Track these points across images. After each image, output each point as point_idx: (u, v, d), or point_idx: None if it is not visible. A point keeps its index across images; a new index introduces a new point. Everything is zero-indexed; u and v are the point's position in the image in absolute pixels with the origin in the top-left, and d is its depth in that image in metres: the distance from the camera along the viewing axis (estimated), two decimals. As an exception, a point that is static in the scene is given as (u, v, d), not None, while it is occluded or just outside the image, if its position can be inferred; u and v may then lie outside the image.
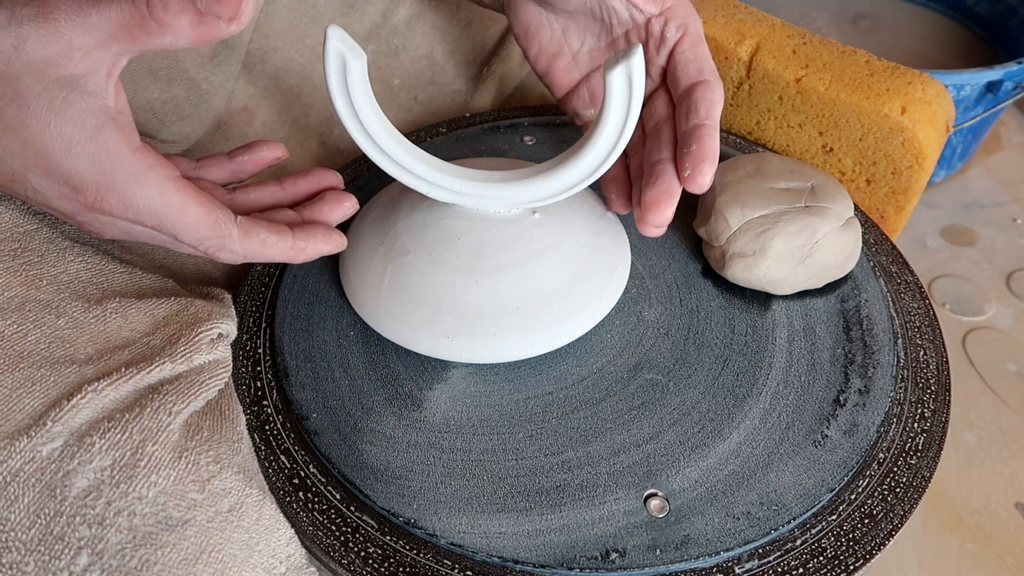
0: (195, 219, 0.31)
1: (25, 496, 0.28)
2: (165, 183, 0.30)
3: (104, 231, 0.32)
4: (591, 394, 0.38)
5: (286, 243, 0.34)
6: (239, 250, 0.33)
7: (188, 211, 0.31)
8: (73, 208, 0.31)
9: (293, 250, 0.34)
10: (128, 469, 0.29)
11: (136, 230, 0.32)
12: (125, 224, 0.32)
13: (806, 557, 0.33)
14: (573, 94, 0.46)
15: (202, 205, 0.31)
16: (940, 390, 0.40)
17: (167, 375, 0.33)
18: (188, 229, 0.31)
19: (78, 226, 0.33)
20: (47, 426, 0.29)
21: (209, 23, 0.28)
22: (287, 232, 0.34)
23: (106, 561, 0.28)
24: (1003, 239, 0.68)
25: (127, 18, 0.28)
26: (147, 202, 0.30)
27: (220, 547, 0.30)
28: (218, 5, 0.28)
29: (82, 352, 0.33)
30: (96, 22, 0.28)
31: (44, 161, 0.29)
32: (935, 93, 0.49)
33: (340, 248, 0.37)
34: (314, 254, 0.35)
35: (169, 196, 0.30)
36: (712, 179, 0.36)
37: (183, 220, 0.31)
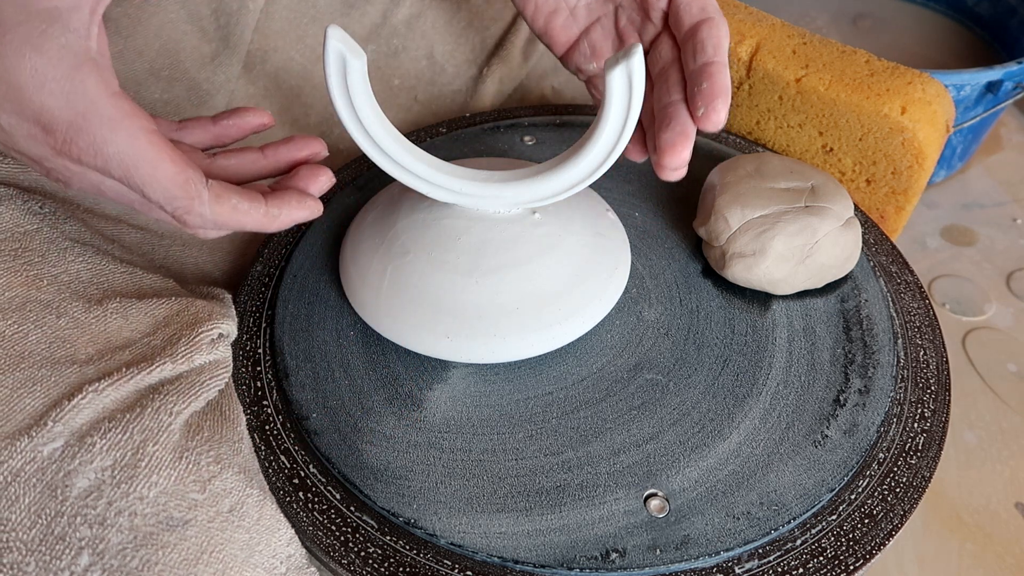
0: (165, 175, 0.30)
1: (26, 496, 0.28)
2: (139, 133, 0.29)
3: (71, 181, 0.31)
4: (591, 394, 0.38)
5: (259, 210, 0.33)
6: (208, 214, 0.31)
7: (159, 166, 0.29)
8: (41, 152, 0.29)
9: (267, 216, 0.33)
10: (129, 469, 0.29)
11: (106, 184, 0.31)
12: (94, 175, 0.30)
13: (806, 557, 0.33)
14: (574, 50, 0.45)
15: (175, 162, 0.30)
16: (940, 390, 0.40)
17: (168, 375, 0.33)
18: (157, 185, 0.30)
19: (44, 173, 0.31)
20: (48, 426, 0.29)
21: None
22: (260, 199, 0.33)
23: (107, 561, 0.28)
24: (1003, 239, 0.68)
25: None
26: (117, 149, 0.29)
27: (221, 547, 0.30)
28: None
29: (83, 352, 0.33)
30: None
31: (16, 95, 0.28)
32: (935, 93, 0.49)
33: (316, 214, 0.35)
34: (288, 221, 0.34)
35: (141, 147, 0.29)
36: (727, 116, 0.35)
37: (153, 174, 0.30)
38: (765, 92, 0.52)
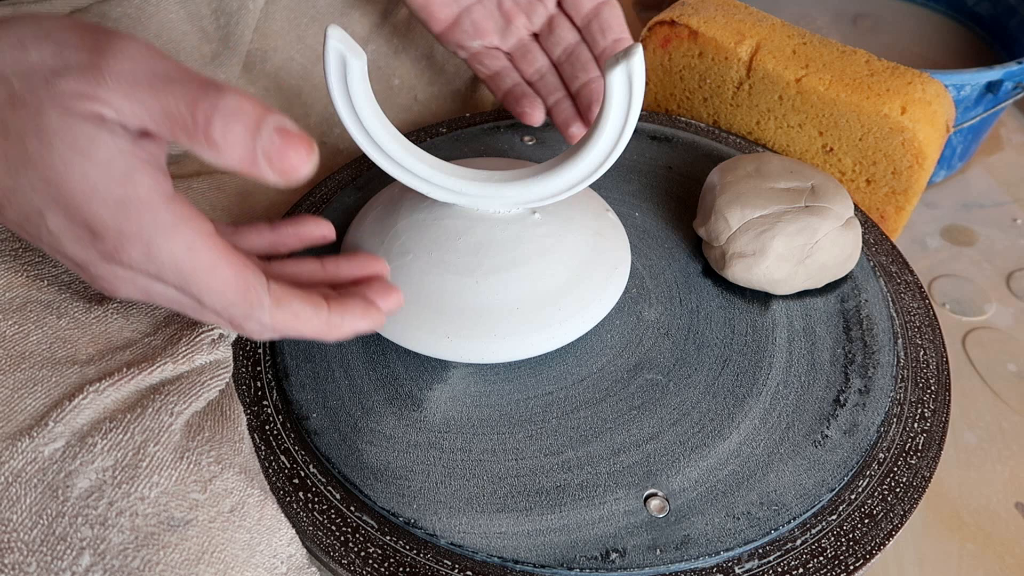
0: (224, 282, 0.28)
1: (27, 497, 0.28)
2: (197, 239, 0.27)
3: (118, 289, 0.29)
4: (591, 394, 0.38)
5: (320, 316, 0.30)
6: (268, 322, 0.29)
7: (217, 272, 0.28)
8: (88, 257, 0.28)
9: (328, 325, 0.31)
10: (130, 469, 0.30)
11: (156, 289, 0.29)
12: (144, 281, 0.29)
13: (806, 557, 0.33)
14: (454, 27, 0.46)
15: (233, 266, 0.28)
16: (940, 390, 0.40)
17: (168, 375, 0.33)
18: (214, 292, 0.28)
19: (90, 280, 0.30)
20: (49, 426, 0.29)
21: (257, 167, 0.26)
22: (323, 304, 0.31)
23: (108, 561, 0.28)
24: (1003, 239, 0.68)
25: (176, 116, 0.26)
26: (173, 257, 0.27)
27: (222, 547, 0.30)
28: (280, 159, 0.26)
29: (83, 352, 0.33)
30: (144, 99, 0.26)
31: (65, 202, 0.26)
32: (935, 93, 0.49)
33: (378, 327, 0.33)
34: (350, 332, 0.31)
35: (199, 252, 0.27)
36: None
37: (210, 281, 0.28)
38: (765, 92, 0.52)
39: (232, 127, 0.26)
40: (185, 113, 0.25)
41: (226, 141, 0.26)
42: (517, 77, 0.47)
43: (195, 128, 0.26)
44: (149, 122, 0.26)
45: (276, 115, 0.26)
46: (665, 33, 0.56)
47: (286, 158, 0.26)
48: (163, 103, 0.25)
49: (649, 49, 0.57)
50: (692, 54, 0.55)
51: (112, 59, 0.25)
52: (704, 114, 0.57)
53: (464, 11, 0.46)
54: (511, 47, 0.47)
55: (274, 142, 0.26)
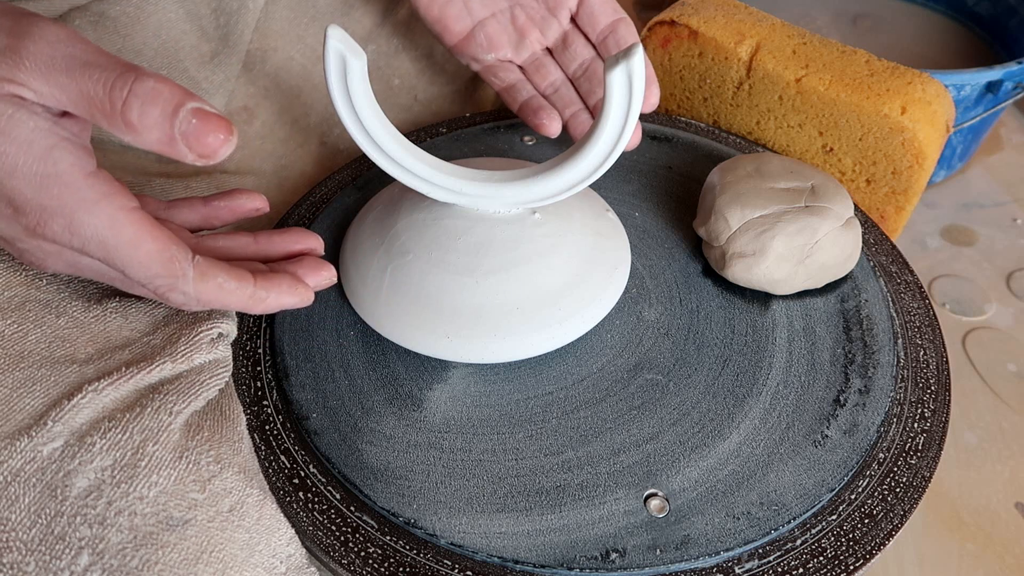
0: (147, 254, 0.29)
1: (26, 496, 0.28)
2: (118, 213, 0.28)
3: (46, 262, 0.30)
4: (591, 394, 0.38)
5: (245, 290, 0.31)
6: (192, 292, 0.30)
7: (141, 245, 0.28)
8: (13, 232, 0.29)
9: (252, 299, 0.32)
10: (129, 469, 0.29)
11: (83, 262, 0.30)
12: (70, 254, 0.29)
13: (806, 557, 0.33)
14: (468, 40, 0.47)
15: (157, 240, 0.29)
16: (940, 390, 0.40)
17: (167, 375, 0.33)
18: (138, 265, 0.29)
19: (18, 255, 0.30)
20: (48, 426, 0.29)
21: (176, 148, 0.27)
22: (248, 278, 0.31)
23: (107, 561, 0.28)
24: (1003, 239, 0.68)
25: (93, 98, 0.26)
26: (95, 231, 0.28)
27: (221, 547, 0.30)
28: (198, 141, 0.27)
29: (82, 352, 0.33)
30: (62, 82, 0.26)
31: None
32: (935, 93, 0.49)
33: (305, 303, 0.34)
34: (275, 305, 0.32)
35: (121, 227, 0.28)
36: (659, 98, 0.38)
37: (134, 254, 0.28)
38: (765, 92, 0.52)
39: (148, 109, 0.26)
40: (102, 95, 0.26)
41: (143, 123, 0.26)
42: (532, 89, 0.47)
43: (112, 110, 0.26)
44: (68, 104, 0.27)
45: (194, 99, 0.27)
46: (665, 33, 0.56)
47: (204, 139, 0.27)
48: (81, 86, 0.26)
49: (649, 49, 0.57)
50: (692, 54, 0.55)
51: (31, 42, 0.26)
52: (704, 114, 0.57)
53: (478, 25, 0.46)
54: (525, 61, 0.48)
55: (191, 124, 0.27)
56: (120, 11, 0.47)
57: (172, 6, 0.48)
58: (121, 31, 0.47)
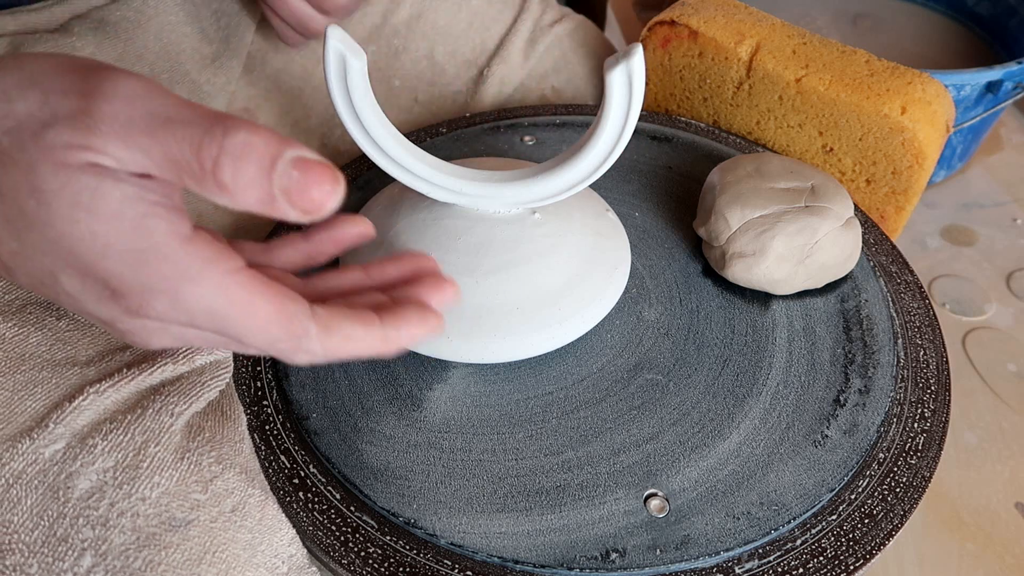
0: (264, 319, 0.26)
1: (28, 498, 0.28)
2: (226, 279, 0.25)
3: (151, 340, 0.27)
4: (591, 394, 0.38)
5: (374, 334, 0.27)
6: (319, 350, 0.27)
7: (256, 310, 0.25)
8: (112, 314, 0.26)
9: (384, 342, 0.28)
10: (131, 470, 0.30)
11: (191, 335, 0.27)
12: (177, 329, 0.27)
13: (806, 557, 0.33)
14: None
15: (271, 301, 0.26)
16: (940, 390, 0.40)
17: (168, 376, 0.33)
18: (256, 331, 0.26)
19: (120, 336, 0.27)
20: (49, 428, 0.29)
21: (277, 207, 0.24)
22: (373, 319, 0.28)
23: (110, 562, 0.28)
24: (1003, 239, 0.68)
25: (180, 161, 0.23)
26: (203, 303, 0.25)
27: (223, 547, 0.30)
28: (302, 197, 0.24)
29: (83, 354, 0.33)
30: (144, 145, 0.23)
31: (76, 262, 0.24)
32: (935, 93, 0.49)
33: (438, 331, 0.30)
34: (408, 342, 0.28)
35: (232, 293, 0.25)
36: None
37: (249, 321, 0.25)
38: (765, 92, 0.52)
39: (243, 168, 0.23)
40: (190, 158, 0.23)
41: (238, 184, 0.23)
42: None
43: (202, 173, 0.23)
44: (153, 168, 0.24)
45: (293, 147, 0.24)
46: (665, 33, 0.56)
47: (308, 195, 0.24)
48: (165, 148, 0.23)
49: (649, 49, 0.57)
50: (692, 54, 0.55)
51: (104, 103, 0.23)
52: (704, 114, 0.57)
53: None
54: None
55: (292, 178, 0.24)
56: (120, 16, 0.47)
57: (173, 9, 0.48)
58: (122, 36, 0.47)
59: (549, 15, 0.61)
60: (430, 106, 0.59)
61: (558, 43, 0.60)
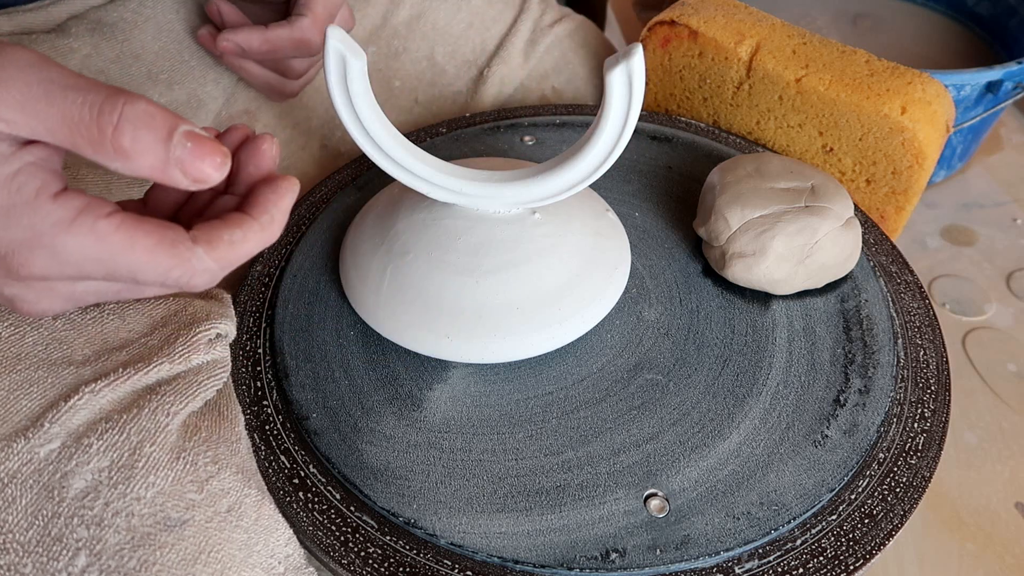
0: (148, 250, 0.26)
1: (23, 498, 0.28)
2: (99, 223, 0.25)
3: (40, 304, 0.27)
4: (591, 394, 0.38)
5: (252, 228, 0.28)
6: (212, 265, 0.27)
7: (137, 244, 0.26)
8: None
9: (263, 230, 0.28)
10: (126, 470, 0.29)
11: (80, 289, 0.27)
12: (64, 287, 0.27)
13: (806, 557, 0.33)
14: None
15: (150, 233, 0.26)
16: (940, 390, 0.40)
17: (165, 375, 0.33)
18: (145, 264, 0.26)
19: (8, 305, 0.28)
20: (45, 427, 0.29)
21: (169, 174, 0.25)
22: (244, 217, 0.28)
23: (104, 562, 0.28)
24: (1003, 239, 0.68)
25: (79, 123, 0.24)
26: (85, 251, 0.25)
27: (219, 547, 0.30)
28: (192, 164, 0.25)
29: (79, 354, 0.33)
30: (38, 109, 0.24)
31: None
32: (935, 93, 0.49)
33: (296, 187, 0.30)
34: (281, 219, 0.29)
35: (109, 235, 0.25)
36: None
37: (134, 255, 0.26)
38: (765, 92, 0.52)
39: (142, 134, 0.24)
40: (88, 120, 0.24)
41: (136, 149, 0.24)
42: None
43: (100, 136, 0.24)
44: (44, 133, 0.24)
45: (186, 122, 0.26)
46: (665, 33, 0.56)
47: (198, 164, 0.25)
48: (63, 111, 0.24)
49: (649, 49, 0.57)
50: (692, 54, 0.55)
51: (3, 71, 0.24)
52: (704, 114, 0.57)
53: None
54: None
55: (186, 148, 0.25)
56: (118, 16, 0.47)
57: (171, 10, 0.48)
58: (119, 36, 0.47)
59: (549, 15, 0.61)
60: (430, 107, 0.59)
61: (558, 43, 0.60)
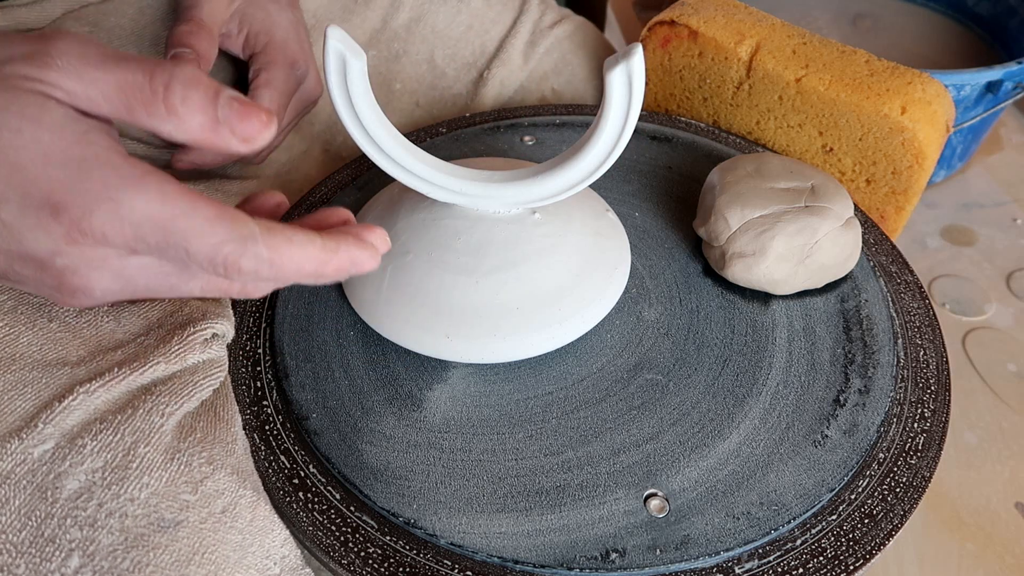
0: (208, 219, 0.26)
1: (16, 498, 0.28)
2: (167, 185, 0.26)
3: (90, 279, 0.27)
4: (591, 394, 0.38)
5: (315, 242, 0.27)
6: (264, 252, 0.26)
7: (198, 211, 0.25)
8: (51, 244, 0.26)
9: (324, 250, 0.28)
10: (120, 471, 0.29)
11: (132, 266, 0.27)
12: (117, 260, 0.27)
13: (806, 557, 0.33)
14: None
15: (212, 204, 0.26)
16: (940, 390, 0.40)
17: (160, 375, 0.33)
18: (202, 232, 0.25)
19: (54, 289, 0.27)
20: (38, 428, 0.29)
21: (221, 134, 0.26)
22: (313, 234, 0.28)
23: (97, 563, 0.28)
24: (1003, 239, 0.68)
25: (133, 86, 0.25)
26: (146, 209, 0.25)
27: (213, 548, 0.30)
28: (240, 123, 0.26)
29: (74, 355, 0.33)
30: (95, 76, 0.25)
31: (19, 177, 0.25)
32: (935, 93, 0.49)
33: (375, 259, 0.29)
34: (346, 261, 0.28)
35: (174, 198, 0.25)
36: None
37: (194, 221, 0.25)
38: (765, 92, 0.52)
39: (192, 94, 0.25)
40: (142, 82, 0.25)
41: (187, 107, 0.25)
42: None
43: (153, 96, 0.25)
44: (100, 99, 0.26)
45: (228, 88, 0.27)
46: (665, 33, 0.56)
47: (247, 123, 0.26)
48: (118, 76, 0.25)
49: (649, 49, 0.57)
50: (692, 54, 0.55)
51: (60, 42, 0.26)
52: (704, 114, 0.57)
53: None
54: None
55: (233, 108, 0.26)
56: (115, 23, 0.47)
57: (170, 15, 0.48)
58: (116, 43, 0.47)
59: (549, 17, 0.61)
60: (431, 109, 0.59)
61: (558, 45, 0.60)
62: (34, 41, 0.26)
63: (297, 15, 0.49)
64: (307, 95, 0.48)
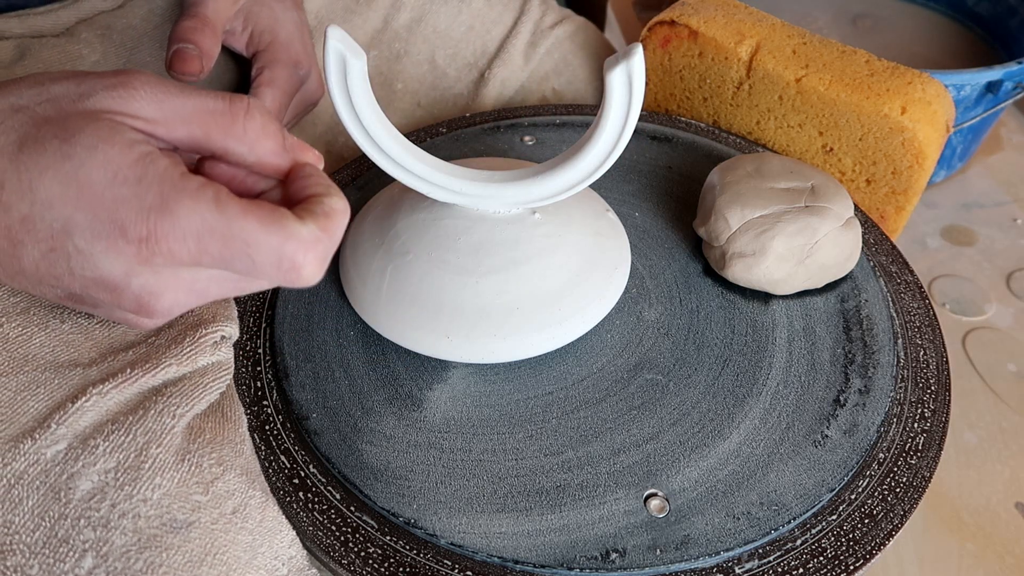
0: (261, 223, 0.26)
1: (29, 499, 0.28)
2: (221, 194, 0.26)
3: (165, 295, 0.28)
4: (591, 394, 0.38)
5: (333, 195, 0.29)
6: (319, 232, 0.27)
7: (250, 216, 0.26)
8: (123, 265, 0.26)
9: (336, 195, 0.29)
10: (132, 472, 0.29)
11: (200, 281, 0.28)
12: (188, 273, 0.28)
13: (806, 557, 0.33)
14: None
15: (261, 207, 0.27)
16: (940, 390, 0.40)
17: (171, 377, 0.33)
18: (262, 232, 0.26)
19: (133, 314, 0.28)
20: (51, 429, 0.29)
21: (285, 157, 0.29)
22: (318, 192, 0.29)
23: (111, 564, 0.28)
24: (1003, 239, 0.68)
25: (214, 111, 0.28)
26: (205, 220, 0.26)
27: (224, 549, 0.30)
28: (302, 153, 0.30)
29: (86, 356, 0.33)
30: (176, 104, 0.27)
31: (87, 197, 0.26)
32: (935, 93, 0.49)
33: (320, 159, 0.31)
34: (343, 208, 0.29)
35: (228, 206, 0.26)
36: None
37: (251, 227, 0.26)
38: (765, 92, 0.52)
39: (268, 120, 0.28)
40: (224, 107, 0.28)
41: (264, 132, 0.28)
42: None
43: (233, 120, 0.28)
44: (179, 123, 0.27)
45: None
46: (665, 33, 0.56)
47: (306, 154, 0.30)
48: (198, 103, 0.28)
49: (649, 49, 0.57)
50: (692, 54, 0.55)
51: (142, 75, 0.28)
52: (704, 114, 0.57)
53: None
54: None
55: (293, 139, 0.29)
56: (126, 24, 0.47)
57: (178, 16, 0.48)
58: (127, 44, 0.47)
59: (549, 17, 0.61)
60: (432, 109, 0.59)
61: (559, 45, 0.60)
62: (116, 75, 0.28)
63: (302, 16, 0.49)
64: (308, 96, 0.48)
